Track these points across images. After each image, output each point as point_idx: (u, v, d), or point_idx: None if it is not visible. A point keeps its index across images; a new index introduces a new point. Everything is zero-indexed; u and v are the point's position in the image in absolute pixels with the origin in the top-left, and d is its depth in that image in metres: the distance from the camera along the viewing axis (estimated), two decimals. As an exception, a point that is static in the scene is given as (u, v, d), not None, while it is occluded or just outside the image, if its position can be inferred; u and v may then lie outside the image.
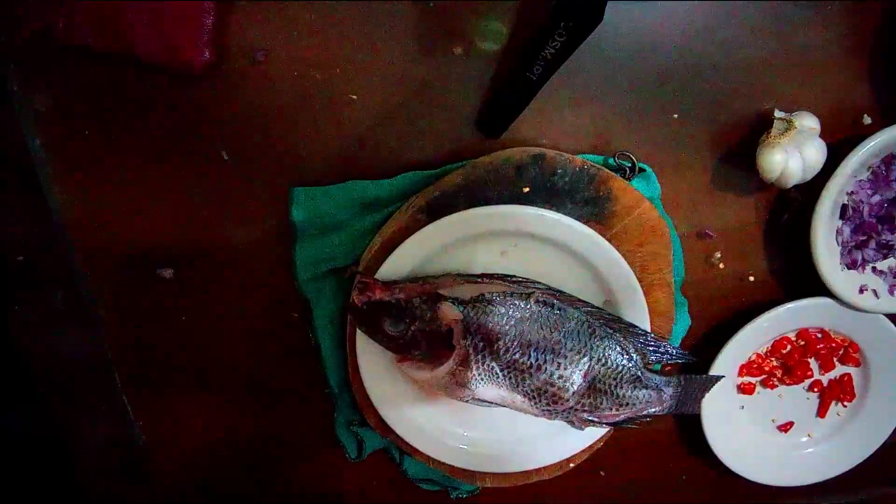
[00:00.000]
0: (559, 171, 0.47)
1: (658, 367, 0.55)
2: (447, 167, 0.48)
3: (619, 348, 0.49)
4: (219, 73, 0.46)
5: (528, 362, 0.47)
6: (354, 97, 0.47)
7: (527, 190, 0.47)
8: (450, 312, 0.46)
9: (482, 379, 0.47)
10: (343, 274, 0.50)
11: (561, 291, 0.48)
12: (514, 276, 0.48)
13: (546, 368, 0.47)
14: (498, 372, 0.47)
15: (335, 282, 0.51)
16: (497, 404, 0.49)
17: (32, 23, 0.43)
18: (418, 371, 0.47)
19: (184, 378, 0.54)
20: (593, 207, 0.48)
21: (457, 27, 0.46)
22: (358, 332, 0.49)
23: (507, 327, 0.46)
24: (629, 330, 0.49)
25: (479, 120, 0.49)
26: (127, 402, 0.54)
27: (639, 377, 0.50)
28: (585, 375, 0.48)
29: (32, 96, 0.46)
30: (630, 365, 0.49)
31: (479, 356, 0.47)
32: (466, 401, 0.49)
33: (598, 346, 0.48)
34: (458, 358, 0.46)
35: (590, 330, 0.48)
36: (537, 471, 0.54)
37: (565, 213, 0.47)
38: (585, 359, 0.48)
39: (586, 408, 0.49)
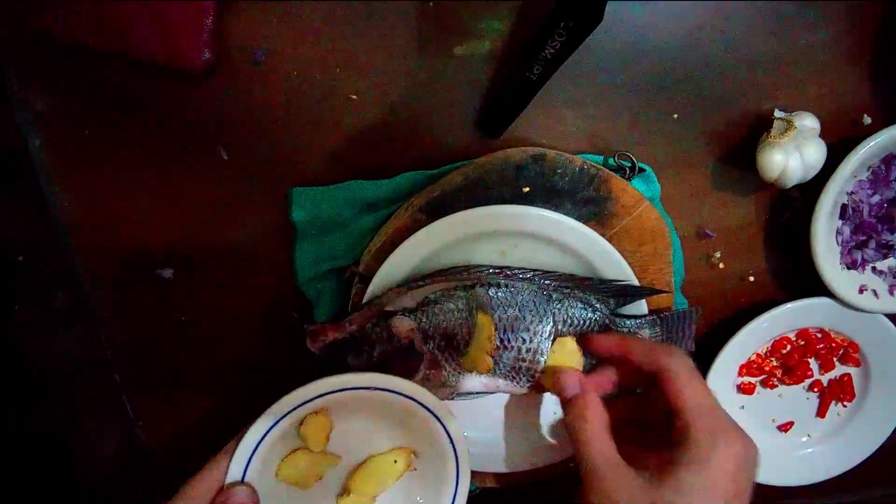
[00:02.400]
0: (559, 171, 0.47)
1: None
2: (447, 167, 0.48)
3: (580, 304, 0.48)
4: (219, 73, 0.46)
5: (492, 346, 0.47)
6: (354, 97, 0.47)
7: (527, 190, 0.47)
8: (402, 325, 0.46)
9: (457, 374, 0.48)
10: (343, 274, 0.50)
11: (508, 267, 0.48)
12: (454, 266, 0.48)
13: (512, 346, 0.47)
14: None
15: (335, 282, 0.51)
16: (485, 393, 0.49)
17: (32, 23, 0.43)
18: None
19: (184, 378, 0.54)
20: (593, 207, 0.48)
21: (457, 27, 0.46)
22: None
23: (460, 321, 0.46)
24: (585, 284, 0.49)
25: (479, 120, 0.49)
26: (127, 402, 0.54)
27: (608, 326, 0.49)
28: (553, 340, 0.48)
29: (32, 96, 0.46)
30: (595, 316, 0.49)
31: (446, 354, 0.47)
32: (453, 398, 0.49)
33: (558, 309, 0.48)
34: (426, 363, 0.47)
35: (545, 295, 0.48)
36: (538, 471, 0.54)
37: (565, 213, 0.47)
38: (549, 325, 0.48)
39: None
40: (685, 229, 0.55)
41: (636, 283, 0.49)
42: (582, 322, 0.48)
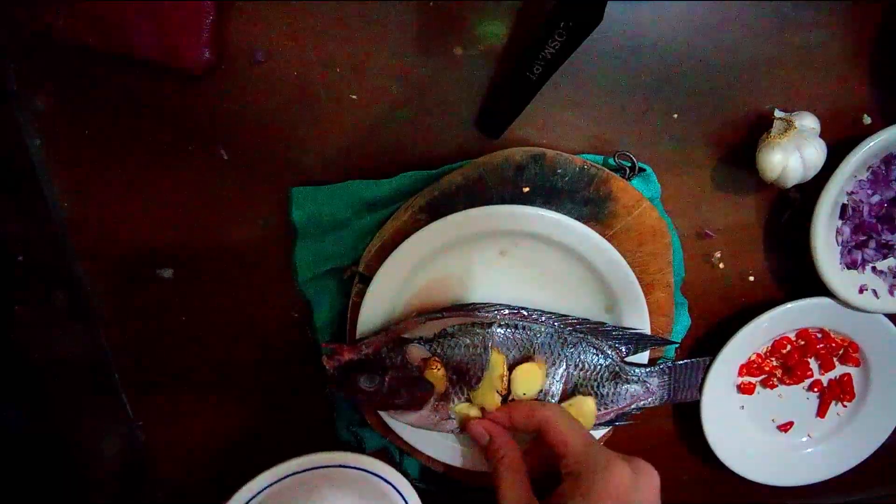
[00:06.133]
0: (559, 171, 0.47)
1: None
2: (447, 167, 0.48)
3: (592, 350, 0.49)
4: (219, 73, 0.46)
5: (503, 385, 0.47)
6: (354, 97, 0.47)
7: (527, 190, 0.47)
8: (417, 353, 0.47)
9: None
10: (343, 274, 0.50)
11: (525, 308, 0.49)
12: (474, 303, 0.48)
13: None
14: None
15: (335, 282, 0.51)
16: None
17: (32, 23, 0.43)
18: (404, 416, 0.48)
19: (184, 378, 0.54)
20: (593, 207, 0.48)
21: (457, 27, 0.46)
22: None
23: (474, 356, 0.47)
24: (599, 330, 0.49)
25: (479, 120, 0.49)
26: (127, 402, 0.54)
27: (618, 373, 0.50)
28: (566, 384, 0.49)
29: (32, 96, 0.46)
30: (606, 363, 0.50)
31: (457, 388, 0.47)
32: (459, 432, 0.49)
33: (571, 353, 0.49)
34: (437, 394, 0.47)
35: (560, 340, 0.49)
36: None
37: (565, 213, 0.47)
38: (561, 369, 0.48)
39: None
40: (685, 229, 0.55)
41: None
42: (593, 368, 0.49)
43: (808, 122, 0.49)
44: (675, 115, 0.51)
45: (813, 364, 0.61)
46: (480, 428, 0.47)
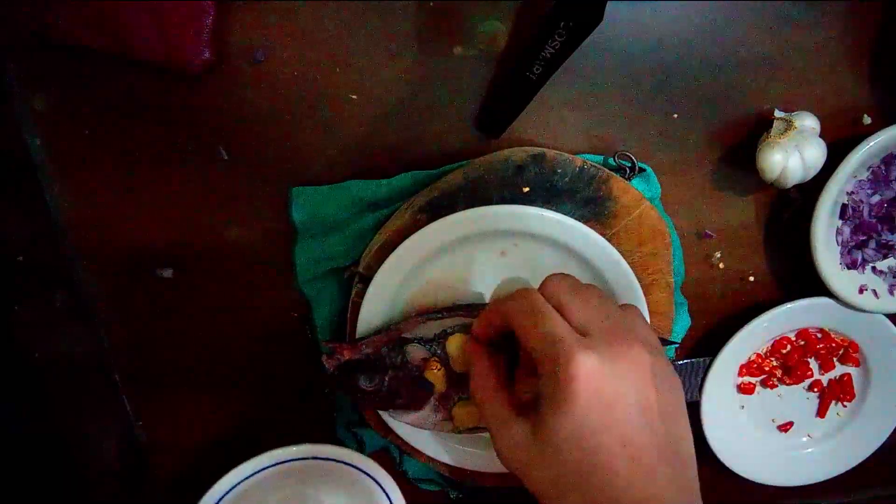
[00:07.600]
0: (559, 171, 0.47)
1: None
2: (447, 167, 0.48)
3: None
4: (219, 73, 0.46)
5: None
6: (354, 97, 0.47)
7: (527, 190, 0.47)
8: (417, 353, 0.46)
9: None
10: (343, 274, 0.50)
11: None
12: (475, 303, 0.48)
13: None
14: None
15: (335, 282, 0.51)
16: None
17: (32, 23, 0.43)
18: (404, 416, 0.48)
19: (184, 378, 0.54)
20: (593, 207, 0.48)
21: (457, 27, 0.46)
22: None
23: None
24: None
25: (479, 120, 0.49)
26: (127, 402, 0.54)
27: None
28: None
29: (32, 96, 0.46)
30: None
31: (456, 388, 0.47)
32: (459, 432, 0.49)
33: None
34: (437, 394, 0.47)
35: None
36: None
37: (565, 213, 0.47)
38: None
39: None
40: (685, 229, 0.55)
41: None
42: None
43: (808, 122, 0.49)
44: (675, 115, 0.51)
45: (813, 364, 0.61)
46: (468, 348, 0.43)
